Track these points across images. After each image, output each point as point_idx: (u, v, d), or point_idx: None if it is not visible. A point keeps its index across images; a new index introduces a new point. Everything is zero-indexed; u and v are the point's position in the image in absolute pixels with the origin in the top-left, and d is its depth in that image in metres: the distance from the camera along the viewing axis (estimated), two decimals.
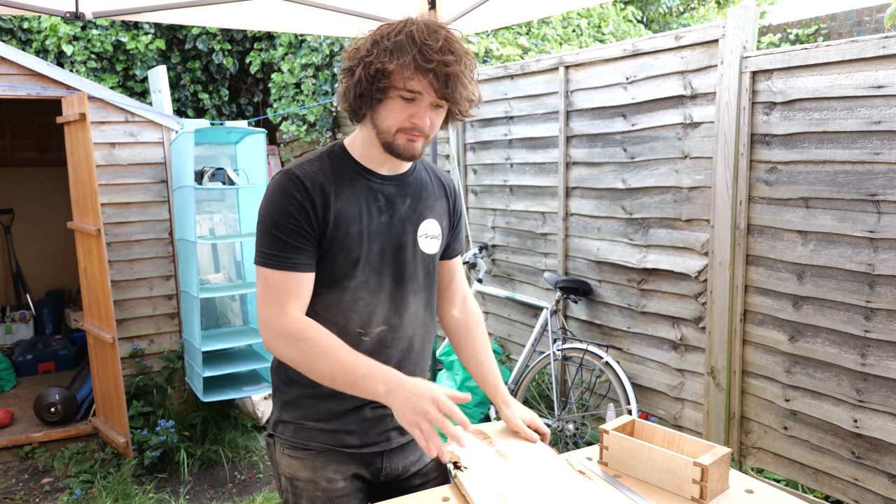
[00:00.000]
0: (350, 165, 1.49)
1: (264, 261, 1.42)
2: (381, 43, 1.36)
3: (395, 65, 1.34)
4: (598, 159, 3.74)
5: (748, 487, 1.47)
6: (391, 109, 1.40)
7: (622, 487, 1.48)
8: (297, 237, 1.41)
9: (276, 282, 1.41)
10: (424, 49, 1.33)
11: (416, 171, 1.59)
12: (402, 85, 1.37)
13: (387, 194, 1.51)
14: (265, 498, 3.55)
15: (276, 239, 1.41)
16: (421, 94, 1.38)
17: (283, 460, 1.56)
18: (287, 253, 1.41)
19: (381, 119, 1.42)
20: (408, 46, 1.34)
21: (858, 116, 2.59)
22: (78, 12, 2.80)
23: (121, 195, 4.14)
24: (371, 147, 1.48)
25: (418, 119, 1.40)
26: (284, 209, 1.41)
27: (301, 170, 1.44)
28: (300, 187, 1.41)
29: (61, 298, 6.19)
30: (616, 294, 3.70)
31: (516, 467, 1.47)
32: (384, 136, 1.43)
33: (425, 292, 1.59)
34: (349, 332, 1.48)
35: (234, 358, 4.07)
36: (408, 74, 1.35)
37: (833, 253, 2.70)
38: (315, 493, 1.53)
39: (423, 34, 1.34)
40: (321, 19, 3.32)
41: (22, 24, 5.95)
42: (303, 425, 1.54)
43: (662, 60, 3.33)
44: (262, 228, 1.43)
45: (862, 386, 2.64)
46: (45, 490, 3.68)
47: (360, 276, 1.48)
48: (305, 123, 6.44)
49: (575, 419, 3.65)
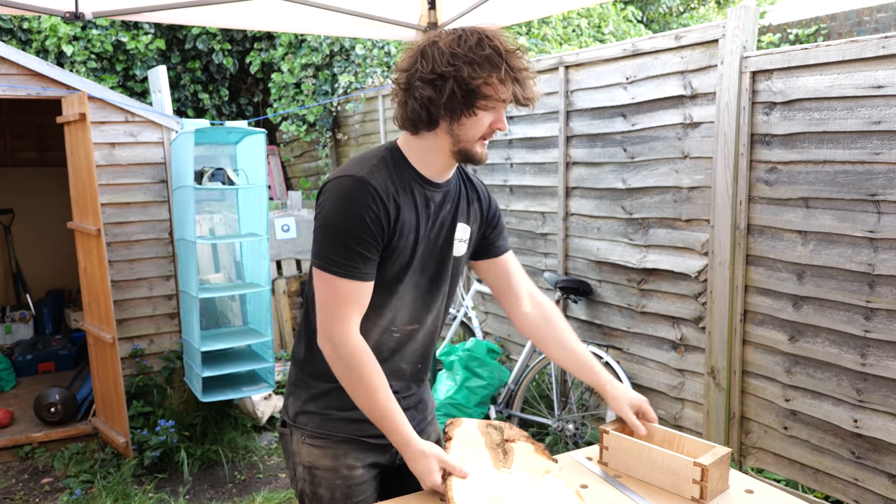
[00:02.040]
0: (409, 173, 1.51)
1: (333, 269, 1.43)
2: (467, 57, 1.38)
3: (495, 77, 1.38)
4: (598, 159, 3.74)
5: (748, 487, 1.47)
6: (477, 122, 1.43)
7: (622, 487, 1.48)
8: (369, 248, 1.43)
9: (343, 291, 1.43)
10: (511, 59, 1.39)
11: (456, 177, 1.62)
12: (497, 96, 1.41)
13: (436, 201, 1.55)
14: (265, 498, 3.55)
15: (348, 248, 1.41)
16: (506, 101, 1.43)
17: (304, 449, 1.60)
18: (357, 263, 1.42)
19: (465, 129, 1.44)
20: (497, 60, 1.38)
21: (858, 116, 2.59)
22: (78, 12, 2.79)
23: (121, 195, 4.14)
24: (435, 155, 1.50)
25: (501, 124, 1.46)
26: (359, 219, 1.41)
27: (373, 178, 1.43)
28: (375, 198, 1.42)
29: (61, 298, 6.18)
30: (616, 294, 3.70)
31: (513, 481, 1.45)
32: (465, 144, 1.46)
33: (449, 291, 1.66)
34: (381, 326, 1.54)
35: (233, 358, 4.06)
36: (499, 87, 1.40)
37: (833, 253, 2.70)
38: (335, 480, 1.57)
39: (502, 43, 1.39)
40: (321, 19, 3.31)
41: (22, 24, 5.96)
42: (329, 416, 1.58)
43: (662, 60, 3.33)
44: (332, 235, 1.42)
45: (862, 386, 2.64)
46: (45, 490, 3.68)
47: (409, 279, 1.53)
48: (305, 123, 6.44)
49: (575, 419, 3.65)
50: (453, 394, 3.94)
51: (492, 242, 1.72)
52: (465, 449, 1.51)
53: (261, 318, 4.16)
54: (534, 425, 3.89)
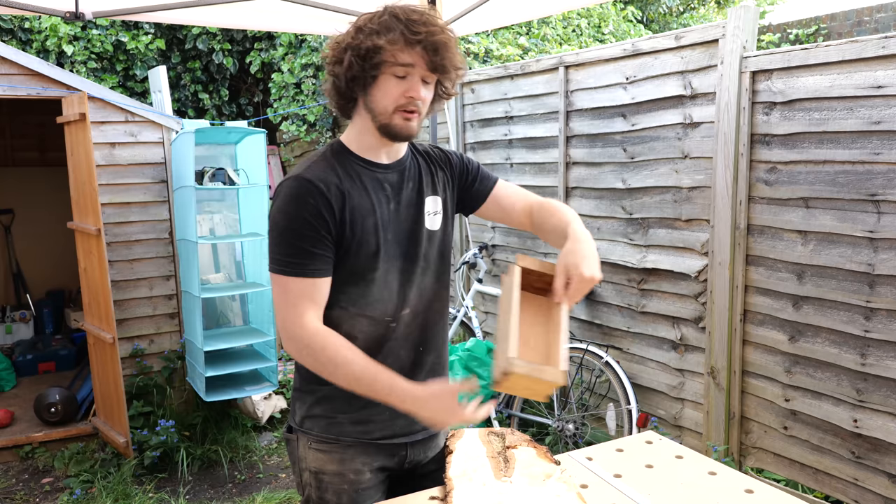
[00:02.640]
0: (353, 160, 1.51)
1: (281, 268, 1.44)
2: (366, 27, 1.41)
3: (385, 40, 1.38)
4: (598, 159, 3.74)
5: (748, 487, 1.47)
6: (385, 89, 1.43)
7: (622, 487, 1.48)
8: (315, 243, 1.43)
9: (294, 289, 1.43)
10: (410, 24, 1.39)
11: (409, 157, 1.61)
12: (395, 59, 1.40)
13: (391, 182, 1.54)
14: (265, 498, 3.55)
15: (292, 246, 1.42)
16: (413, 66, 1.41)
17: (310, 454, 1.58)
18: (304, 259, 1.43)
19: (375, 101, 1.44)
20: (394, 23, 1.39)
21: (858, 116, 2.59)
22: (78, 12, 2.80)
23: (121, 195, 4.14)
24: (368, 136, 1.51)
25: (414, 92, 1.43)
26: (300, 216, 1.42)
27: (311, 173, 1.45)
28: (314, 191, 1.43)
29: (61, 298, 6.18)
30: (616, 294, 3.70)
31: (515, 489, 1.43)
32: (381, 118, 1.45)
33: (438, 269, 1.61)
34: (378, 321, 1.52)
35: (235, 358, 4.07)
36: (398, 48, 1.39)
37: (833, 253, 2.70)
38: (342, 485, 1.56)
39: (406, 12, 1.40)
40: (321, 19, 3.32)
41: (22, 24, 5.96)
42: (334, 419, 1.56)
43: (662, 60, 3.33)
44: (277, 236, 1.44)
45: (862, 386, 2.64)
46: (45, 490, 3.68)
47: (382, 265, 1.51)
48: (305, 123, 6.44)
49: (575, 419, 3.65)
50: None
51: (476, 188, 1.68)
52: (465, 461, 1.50)
53: (263, 317, 4.17)
54: (534, 425, 3.89)
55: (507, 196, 1.70)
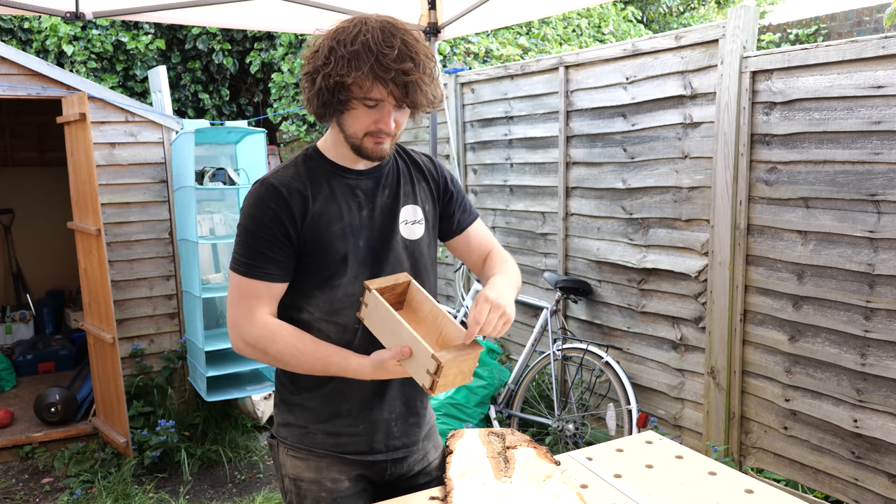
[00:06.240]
0: (325, 166, 1.51)
1: (236, 267, 1.46)
2: (338, 51, 1.34)
3: (353, 77, 1.33)
4: (598, 159, 3.74)
5: (748, 487, 1.47)
6: (355, 117, 1.41)
7: (622, 487, 1.48)
8: (271, 247, 1.44)
9: (245, 288, 1.46)
10: (381, 58, 1.32)
11: (391, 161, 1.59)
12: (363, 95, 1.37)
13: (364, 189, 1.53)
14: (265, 498, 3.55)
15: (249, 248, 1.45)
16: (382, 100, 1.38)
17: (288, 461, 1.58)
18: (258, 262, 1.44)
19: (346, 125, 1.43)
20: (364, 56, 1.32)
21: (858, 116, 2.59)
22: (78, 12, 2.80)
23: (121, 195, 4.14)
24: (342, 147, 1.50)
25: (383, 124, 1.41)
26: (259, 219, 1.43)
27: (276, 178, 1.46)
28: (275, 196, 1.43)
29: (61, 298, 6.18)
30: (616, 294, 3.71)
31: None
32: (352, 140, 1.44)
33: (417, 278, 1.56)
34: (347, 328, 1.50)
35: (235, 358, 4.07)
36: (367, 85, 1.35)
37: (833, 253, 2.70)
38: (320, 493, 1.54)
39: (379, 41, 1.32)
40: (321, 19, 3.32)
41: (22, 24, 5.96)
42: (307, 429, 1.55)
43: (662, 60, 3.33)
44: (238, 235, 1.48)
45: (862, 386, 2.64)
46: (45, 490, 3.68)
47: (350, 272, 1.49)
48: (305, 123, 6.44)
49: (575, 419, 3.65)
50: (453, 394, 3.94)
51: (456, 218, 1.66)
52: (465, 461, 1.50)
53: None
54: (534, 425, 3.89)
55: (477, 238, 1.70)
